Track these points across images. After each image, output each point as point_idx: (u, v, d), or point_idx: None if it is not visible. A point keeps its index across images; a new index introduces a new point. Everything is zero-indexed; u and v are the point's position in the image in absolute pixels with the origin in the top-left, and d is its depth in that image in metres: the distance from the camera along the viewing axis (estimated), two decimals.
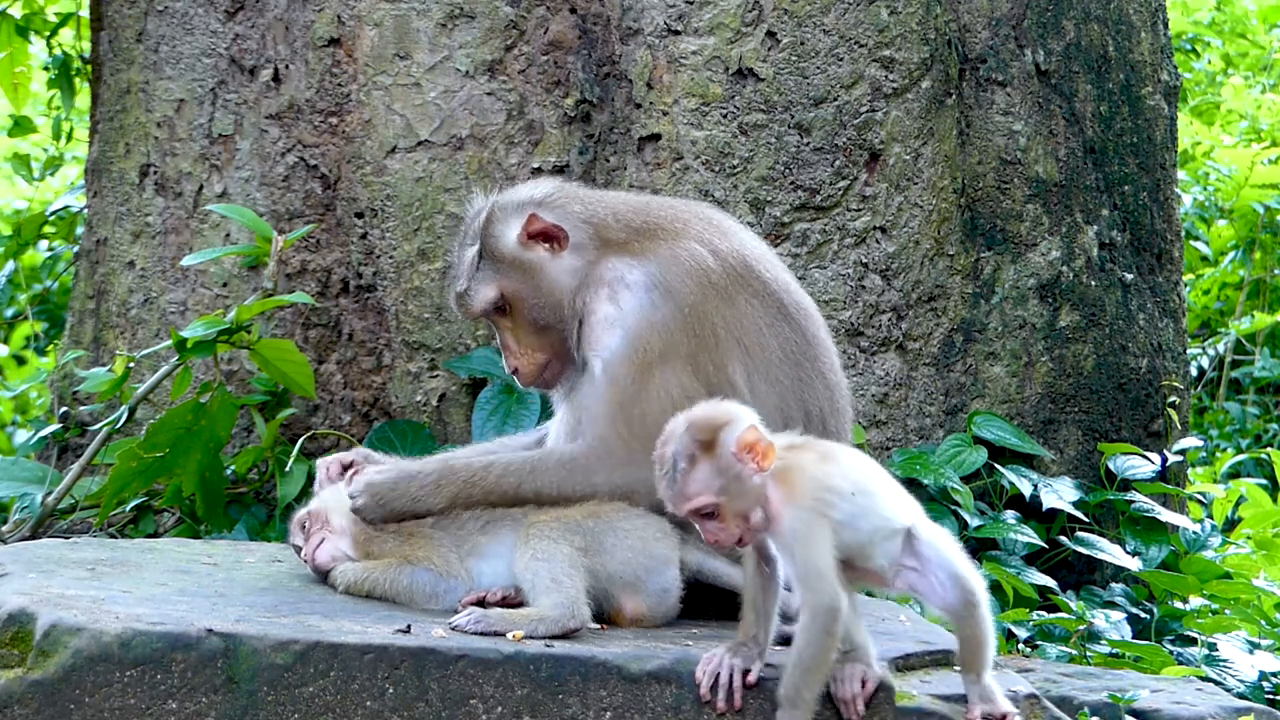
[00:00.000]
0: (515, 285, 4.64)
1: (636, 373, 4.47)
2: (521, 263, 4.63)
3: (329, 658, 4.02)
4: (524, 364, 4.70)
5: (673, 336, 4.49)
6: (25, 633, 4.03)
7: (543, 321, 4.64)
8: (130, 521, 6.37)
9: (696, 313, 4.52)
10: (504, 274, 4.64)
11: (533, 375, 4.71)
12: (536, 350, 4.68)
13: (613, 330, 4.54)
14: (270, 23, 6.51)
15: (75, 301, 7.10)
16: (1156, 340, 6.74)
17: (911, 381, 6.36)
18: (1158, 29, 6.91)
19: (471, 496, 4.51)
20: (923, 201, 6.36)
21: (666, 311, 4.51)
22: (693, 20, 6.28)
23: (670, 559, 4.44)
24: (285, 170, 6.48)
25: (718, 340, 4.51)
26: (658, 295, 4.52)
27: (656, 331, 4.49)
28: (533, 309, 4.64)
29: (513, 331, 4.69)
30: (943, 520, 6.13)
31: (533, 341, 4.67)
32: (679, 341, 4.50)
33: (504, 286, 4.64)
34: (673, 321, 4.50)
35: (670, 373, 4.47)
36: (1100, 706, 4.83)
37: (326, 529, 4.63)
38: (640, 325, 4.50)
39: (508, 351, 4.72)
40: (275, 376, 6.10)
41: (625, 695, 4.08)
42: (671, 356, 4.48)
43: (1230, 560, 6.65)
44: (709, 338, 4.51)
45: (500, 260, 4.65)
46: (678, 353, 4.49)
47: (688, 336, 4.50)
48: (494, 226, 4.66)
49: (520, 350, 4.69)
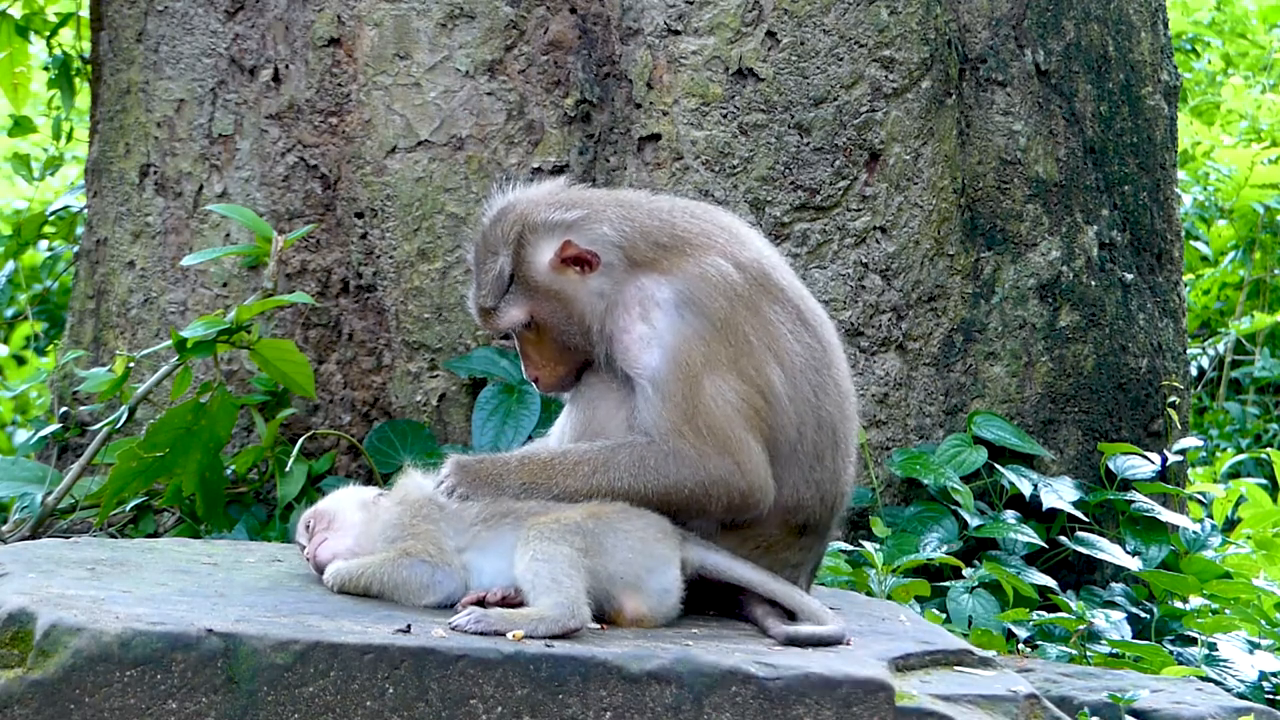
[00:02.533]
0: (545, 309, 4.66)
1: (687, 386, 4.51)
2: (553, 289, 4.65)
3: (329, 658, 4.02)
4: (545, 375, 4.75)
5: (710, 346, 4.53)
6: (25, 633, 4.03)
7: (568, 341, 4.67)
8: (130, 521, 6.37)
9: (728, 324, 4.55)
10: (535, 298, 4.66)
11: (553, 385, 4.76)
12: (558, 364, 4.72)
13: (651, 349, 4.55)
14: (270, 23, 6.51)
15: (75, 301, 7.10)
16: (1156, 340, 6.74)
17: (911, 381, 6.36)
18: (1158, 29, 6.91)
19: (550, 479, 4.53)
20: (923, 201, 6.36)
21: (699, 325, 4.54)
22: (693, 20, 6.28)
23: (671, 559, 4.44)
24: (285, 170, 6.48)
25: (751, 347, 4.56)
26: (688, 311, 4.55)
27: (694, 344, 4.52)
28: (560, 331, 4.67)
29: (535, 345, 4.72)
30: (943, 520, 6.16)
31: (555, 356, 4.71)
32: (717, 350, 4.53)
33: (534, 310, 4.67)
34: (707, 333, 4.53)
35: (719, 379, 4.52)
36: (1100, 706, 4.83)
37: (331, 529, 4.62)
38: (677, 340, 4.53)
39: (528, 361, 4.76)
40: (275, 376, 6.09)
41: (625, 695, 4.08)
42: (715, 365, 4.52)
43: (1230, 560, 6.65)
44: (744, 344, 4.55)
45: (532, 284, 4.65)
46: (719, 360, 4.53)
47: (724, 345, 4.54)
48: (526, 250, 4.66)
49: (542, 362, 4.74)
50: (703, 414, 4.49)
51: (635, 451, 4.51)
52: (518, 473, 4.55)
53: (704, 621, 4.52)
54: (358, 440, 6.33)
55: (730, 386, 4.52)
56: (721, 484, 4.47)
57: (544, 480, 4.53)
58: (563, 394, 4.81)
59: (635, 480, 4.50)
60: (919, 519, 6.16)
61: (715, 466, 4.48)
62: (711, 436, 4.48)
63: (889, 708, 4.14)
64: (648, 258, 4.63)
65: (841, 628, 4.45)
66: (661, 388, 4.51)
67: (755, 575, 4.53)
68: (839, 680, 4.14)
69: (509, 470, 4.55)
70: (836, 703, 4.13)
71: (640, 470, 4.50)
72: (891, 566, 5.82)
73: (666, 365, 4.52)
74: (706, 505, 4.52)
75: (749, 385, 4.53)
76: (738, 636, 4.41)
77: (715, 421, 4.49)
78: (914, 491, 6.29)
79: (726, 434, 4.49)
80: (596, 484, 4.51)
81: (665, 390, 4.51)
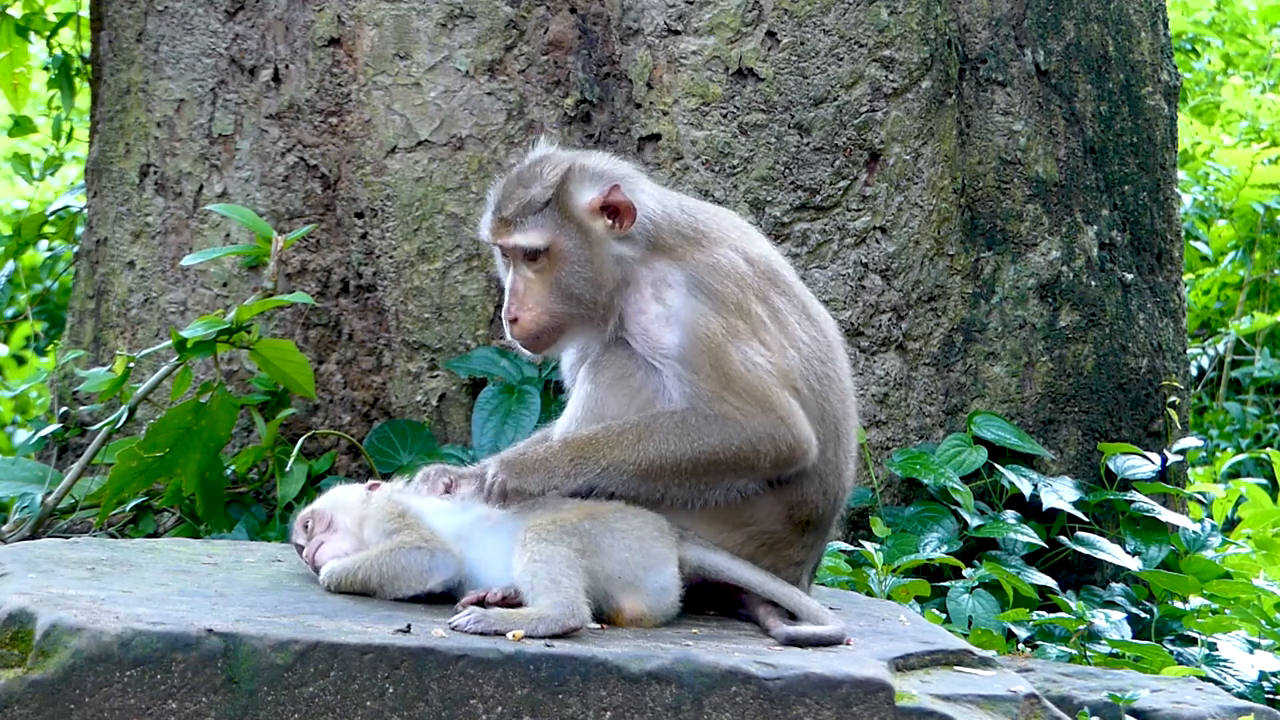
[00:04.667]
0: (566, 244, 4.59)
1: (714, 357, 4.52)
2: (584, 227, 4.60)
3: (329, 658, 4.02)
4: (526, 317, 4.63)
5: (728, 320, 4.55)
6: (25, 633, 4.03)
7: (572, 290, 4.59)
8: (130, 521, 6.37)
9: (740, 306, 4.58)
10: (563, 229, 4.59)
11: (529, 332, 4.63)
12: (545, 311, 4.62)
13: (669, 327, 4.55)
14: (270, 23, 6.51)
15: (75, 301, 7.10)
16: (1156, 340, 6.74)
17: (911, 381, 6.36)
18: (1158, 29, 6.91)
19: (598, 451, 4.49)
20: (923, 201, 6.36)
21: (713, 304, 4.55)
22: (693, 20, 6.28)
23: (668, 557, 4.44)
24: (285, 170, 6.48)
25: (765, 325, 4.57)
26: (700, 292, 4.56)
27: (710, 318, 4.54)
28: (569, 274, 4.59)
29: (533, 283, 4.62)
30: (943, 520, 6.16)
31: (546, 302, 4.61)
32: (735, 324, 4.55)
33: (556, 240, 4.59)
34: (722, 309, 4.56)
35: (745, 345, 4.54)
36: (1100, 706, 4.83)
37: (330, 529, 4.62)
38: (694, 316, 4.54)
39: (514, 297, 4.63)
40: (275, 376, 6.09)
41: (625, 695, 4.08)
42: (736, 334, 4.55)
43: (1230, 560, 6.65)
44: (759, 322, 4.58)
45: (566, 215, 4.60)
46: (739, 331, 4.55)
47: (741, 320, 4.56)
48: (569, 185, 4.61)
49: (529, 303, 4.62)
50: (737, 378, 4.50)
51: (676, 417, 4.50)
52: (562, 453, 4.50)
53: (704, 621, 4.52)
54: (358, 440, 6.33)
55: (757, 352, 4.54)
56: (769, 439, 4.48)
57: (591, 454, 4.49)
58: (534, 356, 4.77)
59: (681, 442, 4.48)
60: (919, 519, 6.16)
61: (760, 424, 4.48)
62: (751, 396, 4.49)
63: (889, 708, 4.15)
64: (667, 244, 4.64)
65: (841, 628, 4.45)
66: (689, 363, 4.51)
67: (754, 576, 4.53)
68: (839, 680, 4.15)
69: (553, 453, 4.51)
70: (836, 703, 4.13)
71: (684, 432, 4.49)
72: (891, 566, 5.82)
73: (689, 341, 4.52)
74: (756, 462, 4.51)
75: (774, 352, 4.55)
76: (738, 636, 4.41)
77: (751, 384, 4.50)
78: (914, 491, 6.29)
79: (765, 393, 4.50)
80: (644, 451, 4.49)
81: (694, 364, 4.51)
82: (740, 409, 4.50)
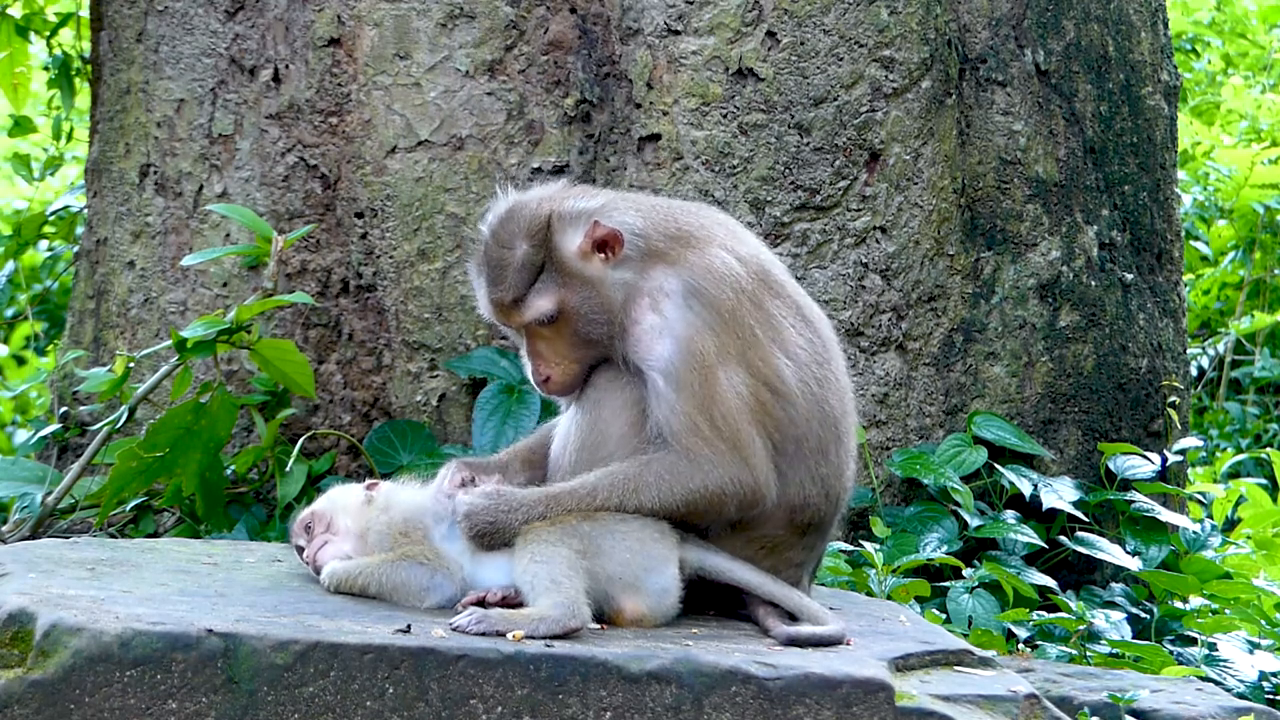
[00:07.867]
0: (575, 298, 4.59)
1: (701, 377, 4.50)
2: (582, 276, 4.60)
3: (329, 658, 4.02)
4: (558, 374, 4.65)
5: (720, 338, 4.53)
6: (25, 633, 4.03)
7: (590, 335, 4.61)
8: (130, 521, 6.37)
9: (735, 316, 4.55)
10: (566, 287, 4.60)
11: (566, 386, 4.67)
12: (573, 361, 4.65)
13: (662, 339, 4.54)
14: (270, 23, 6.51)
15: (75, 301, 7.10)
16: (1156, 340, 6.74)
17: (911, 381, 6.36)
18: (1158, 29, 6.91)
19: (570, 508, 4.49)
20: (923, 201, 6.36)
21: (708, 316, 4.53)
22: (693, 20, 6.28)
23: (668, 558, 4.44)
24: (285, 170, 6.48)
25: (758, 339, 4.56)
26: (696, 302, 4.54)
27: (704, 335, 4.52)
28: (584, 322, 4.60)
29: (551, 342, 4.64)
30: (943, 520, 6.16)
31: (571, 353, 4.64)
32: (727, 342, 4.53)
33: (563, 299, 4.60)
34: (716, 324, 4.53)
35: (731, 371, 4.52)
36: (1100, 706, 4.83)
37: (330, 530, 4.62)
38: (688, 331, 4.52)
39: (539, 360, 4.66)
40: (275, 376, 6.10)
41: (625, 695, 4.08)
42: (726, 357, 4.52)
43: (1230, 560, 6.65)
44: (750, 336, 4.55)
45: (562, 270, 4.60)
46: (729, 352, 4.53)
47: (732, 337, 4.53)
48: (555, 237, 4.61)
49: (555, 360, 4.65)
50: (718, 407, 4.49)
51: (654, 466, 4.49)
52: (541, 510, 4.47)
53: (704, 621, 4.52)
54: (358, 440, 6.33)
55: (740, 380, 4.52)
56: (734, 483, 4.48)
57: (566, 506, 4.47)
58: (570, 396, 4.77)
59: (663, 496, 4.48)
60: (919, 519, 6.16)
61: (727, 466, 4.47)
62: (725, 434, 4.47)
63: (889, 708, 4.15)
64: (659, 248, 4.62)
65: (841, 628, 4.45)
66: (675, 379, 4.50)
67: (754, 577, 4.53)
68: (839, 680, 4.15)
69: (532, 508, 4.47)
70: (836, 703, 4.13)
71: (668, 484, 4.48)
72: (891, 566, 5.82)
73: (679, 356, 4.51)
74: (724, 507, 4.51)
75: (756, 379, 4.54)
76: (738, 636, 4.41)
77: (727, 416, 4.48)
78: (914, 491, 6.29)
79: (737, 430, 4.49)
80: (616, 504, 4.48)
81: (679, 381, 4.50)
82: (712, 447, 4.47)
